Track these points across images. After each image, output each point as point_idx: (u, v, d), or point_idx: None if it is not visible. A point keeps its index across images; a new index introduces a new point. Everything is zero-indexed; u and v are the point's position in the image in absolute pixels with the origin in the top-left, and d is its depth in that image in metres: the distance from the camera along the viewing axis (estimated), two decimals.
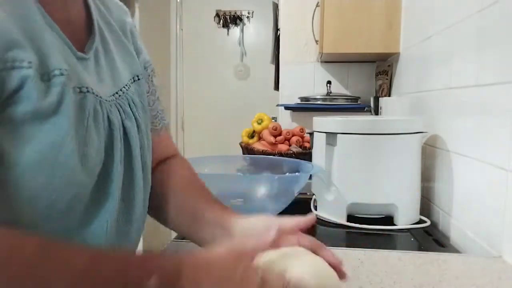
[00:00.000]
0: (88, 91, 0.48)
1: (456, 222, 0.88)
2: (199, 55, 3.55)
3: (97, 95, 0.51)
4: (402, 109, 1.31)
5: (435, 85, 1.05)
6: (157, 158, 0.69)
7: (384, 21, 1.50)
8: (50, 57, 0.44)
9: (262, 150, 1.54)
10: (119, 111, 0.56)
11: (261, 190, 0.89)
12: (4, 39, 0.39)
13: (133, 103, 0.59)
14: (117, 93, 0.57)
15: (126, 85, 0.60)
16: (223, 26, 3.53)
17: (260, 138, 1.69)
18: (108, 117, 0.52)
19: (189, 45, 3.56)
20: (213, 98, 3.56)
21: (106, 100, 0.53)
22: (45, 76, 0.43)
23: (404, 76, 1.46)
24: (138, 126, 0.59)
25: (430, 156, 1.05)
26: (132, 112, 0.59)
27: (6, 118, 0.40)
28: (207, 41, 3.55)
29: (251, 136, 1.73)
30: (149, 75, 0.69)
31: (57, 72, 0.44)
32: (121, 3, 0.68)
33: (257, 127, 1.69)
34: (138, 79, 0.63)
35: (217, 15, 3.53)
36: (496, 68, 0.73)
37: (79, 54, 0.51)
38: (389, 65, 1.65)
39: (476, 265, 0.67)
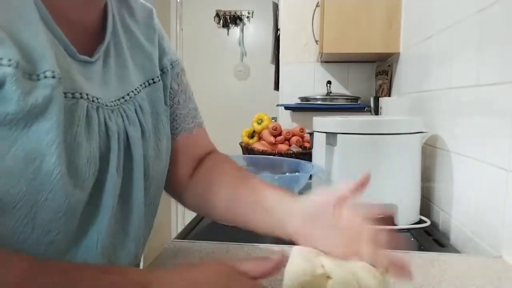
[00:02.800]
0: (81, 97, 0.47)
1: (456, 222, 0.88)
2: (199, 55, 3.55)
3: (93, 101, 0.49)
4: (402, 109, 1.30)
5: (435, 85, 1.05)
6: (195, 157, 0.69)
7: (384, 21, 1.50)
8: (42, 58, 0.42)
9: (262, 150, 1.54)
10: (122, 117, 0.53)
11: None
12: None
13: (140, 108, 0.57)
14: (123, 97, 0.55)
15: (136, 89, 0.57)
16: (223, 26, 3.53)
17: (260, 138, 1.69)
18: (105, 123, 0.50)
19: (189, 45, 3.56)
20: (213, 98, 3.56)
21: (106, 106, 0.51)
22: (33, 76, 0.41)
23: (404, 76, 1.46)
24: (143, 133, 0.56)
25: (430, 156, 1.05)
26: (138, 118, 0.56)
27: None
28: (207, 41, 3.55)
29: (251, 136, 1.73)
30: (178, 74, 0.67)
31: (48, 74, 0.42)
32: (144, 3, 0.66)
33: (257, 127, 1.69)
34: (154, 82, 0.61)
35: (217, 15, 3.52)
36: (496, 68, 0.73)
37: (81, 57, 0.49)
38: (389, 65, 1.65)
39: (476, 265, 0.67)
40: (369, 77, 1.88)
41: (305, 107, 1.80)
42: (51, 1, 0.45)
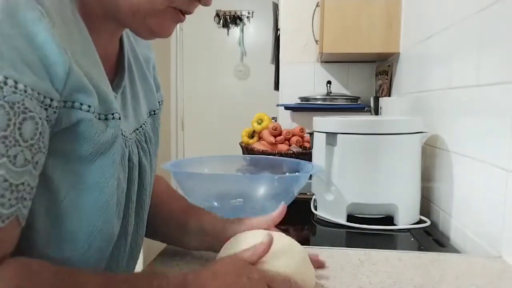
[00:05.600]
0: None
1: (456, 222, 0.88)
2: (199, 55, 3.55)
3: (124, 136, 0.51)
4: (402, 109, 1.31)
5: (435, 85, 1.05)
6: None
7: (384, 21, 1.50)
8: (111, 102, 0.46)
9: (262, 150, 1.54)
10: (137, 148, 0.56)
11: (261, 190, 0.89)
12: (74, 83, 0.40)
13: (149, 138, 0.60)
14: (137, 129, 0.57)
15: (146, 121, 0.60)
16: (223, 26, 3.53)
17: (260, 138, 1.69)
18: (129, 157, 0.53)
19: (189, 45, 3.56)
20: (213, 98, 3.56)
21: (129, 139, 0.53)
22: (102, 116, 0.45)
23: (404, 76, 1.46)
24: (151, 161, 0.60)
25: (430, 156, 1.05)
26: (148, 148, 0.59)
27: (59, 152, 0.41)
28: (207, 41, 3.55)
29: (251, 136, 1.73)
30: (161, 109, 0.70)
31: (116, 115, 0.47)
32: None
33: (257, 127, 1.69)
34: (154, 114, 0.63)
35: (217, 15, 3.52)
36: (496, 68, 0.73)
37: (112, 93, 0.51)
38: (389, 65, 1.65)
39: (476, 265, 0.67)
40: (369, 77, 1.88)
41: (305, 107, 1.80)
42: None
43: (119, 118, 0.47)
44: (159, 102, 0.66)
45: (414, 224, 0.94)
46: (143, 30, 0.49)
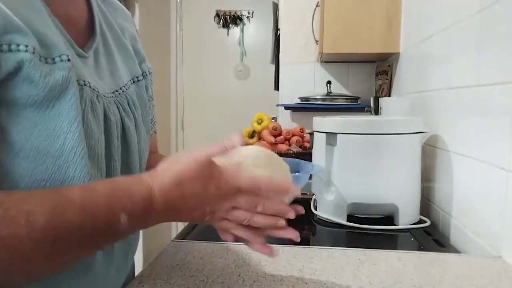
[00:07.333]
0: (85, 84, 0.49)
1: (456, 222, 0.88)
2: (199, 55, 3.55)
3: (94, 89, 0.51)
4: (402, 109, 1.30)
5: (435, 85, 1.05)
6: None
7: (384, 21, 1.50)
8: (55, 44, 0.45)
9: None
10: (118, 108, 0.57)
11: None
12: (2, 23, 0.40)
13: (132, 102, 0.61)
14: (116, 91, 0.58)
15: (126, 84, 0.61)
16: (223, 26, 3.53)
17: (260, 138, 1.69)
18: (104, 111, 0.53)
19: (189, 45, 3.56)
20: (213, 98, 3.55)
21: (104, 96, 0.54)
22: (49, 60, 0.44)
23: (404, 76, 1.46)
24: (136, 125, 0.60)
25: (430, 156, 1.05)
26: (131, 110, 0.60)
27: (10, 101, 0.41)
28: (207, 41, 3.55)
29: (251, 136, 1.73)
30: (151, 82, 0.71)
31: (64, 57, 0.45)
32: (124, 8, 0.70)
33: (257, 127, 1.69)
34: (138, 80, 0.65)
35: (217, 15, 3.52)
36: (496, 68, 0.73)
37: (79, 51, 0.52)
38: (389, 65, 1.65)
39: (476, 265, 0.67)
40: (369, 77, 1.88)
41: (305, 107, 1.80)
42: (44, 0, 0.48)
43: (68, 60, 0.45)
44: (144, 73, 0.67)
45: (414, 224, 0.94)
46: None
